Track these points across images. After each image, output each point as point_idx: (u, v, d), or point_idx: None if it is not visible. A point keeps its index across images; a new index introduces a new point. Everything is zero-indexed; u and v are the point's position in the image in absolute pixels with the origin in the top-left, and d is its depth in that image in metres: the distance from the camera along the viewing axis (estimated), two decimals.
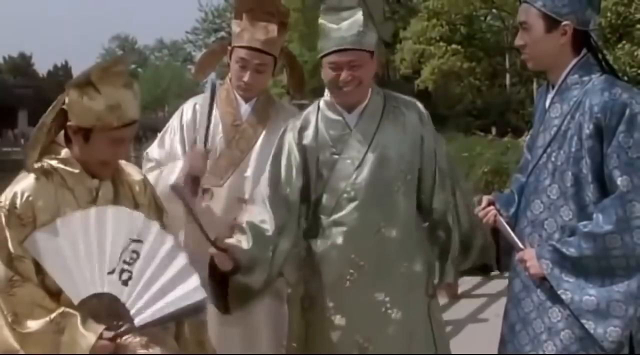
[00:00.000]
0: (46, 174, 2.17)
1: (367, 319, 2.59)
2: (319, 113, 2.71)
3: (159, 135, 3.03)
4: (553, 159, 2.28)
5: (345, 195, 2.61)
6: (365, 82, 2.62)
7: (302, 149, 2.68)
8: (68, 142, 2.23)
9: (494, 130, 21.82)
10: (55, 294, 2.10)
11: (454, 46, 25.57)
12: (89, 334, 2.03)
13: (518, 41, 2.34)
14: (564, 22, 2.24)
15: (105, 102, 2.12)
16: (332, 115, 2.69)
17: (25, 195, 2.11)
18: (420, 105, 2.77)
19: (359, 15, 2.58)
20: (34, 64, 53.57)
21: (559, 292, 2.20)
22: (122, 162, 2.35)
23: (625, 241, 2.12)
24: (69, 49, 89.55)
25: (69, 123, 2.19)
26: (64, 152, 2.21)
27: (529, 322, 2.31)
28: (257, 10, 2.86)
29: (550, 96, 2.34)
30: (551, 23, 2.25)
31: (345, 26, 2.56)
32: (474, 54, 25.25)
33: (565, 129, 2.26)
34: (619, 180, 2.13)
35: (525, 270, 2.30)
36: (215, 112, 2.89)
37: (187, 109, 2.97)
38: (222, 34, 46.23)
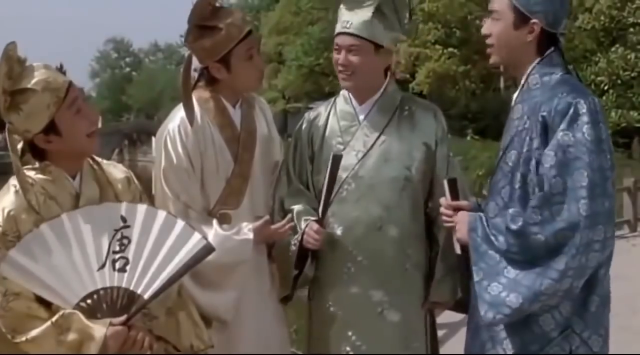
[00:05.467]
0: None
1: (361, 317, 2.59)
2: (333, 104, 2.74)
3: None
4: (508, 160, 2.22)
5: (346, 186, 2.59)
6: (360, 72, 2.59)
7: (311, 138, 2.70)
8: (36, 155, 2.17)
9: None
10: (49, 304, 2.06)
11: (449, 49, 25.61)
12: (97, 326, 1.99)
13: (485, 30, 2.27)
14: (533, 20, 2.18)
15: None
16: (344, 106, 2.70)
17: (7, 211, 2.07)
18: (439, 112, 2.74)
19: (373, 7, 2.58)
20: None
21: (473, 268, 2.13)
22: (105, 162, 2.32)
23: (548, 242, 2.04)
24: (64, 52, 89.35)
25: None
26: (39, 163, 2.16)
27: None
28: (204, 17, 2.59)
29: (514, 97, 2.29)
30: (520, 18, 2.19)
31: (358, 13, 2.59)
32: (469, 57, 25.24)
33: (522, 130, 2.18)
34: (552, 181, 2.05)
35: (450, 228, 2.27)
36: (207, 125, 2.67)
37: (183, 122, 2.65)
38: None
